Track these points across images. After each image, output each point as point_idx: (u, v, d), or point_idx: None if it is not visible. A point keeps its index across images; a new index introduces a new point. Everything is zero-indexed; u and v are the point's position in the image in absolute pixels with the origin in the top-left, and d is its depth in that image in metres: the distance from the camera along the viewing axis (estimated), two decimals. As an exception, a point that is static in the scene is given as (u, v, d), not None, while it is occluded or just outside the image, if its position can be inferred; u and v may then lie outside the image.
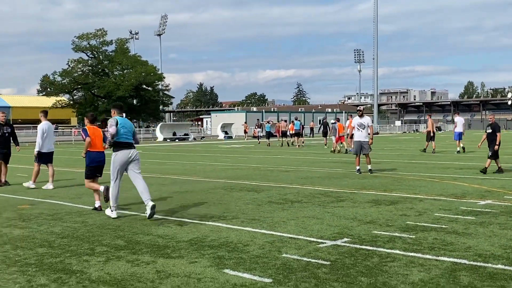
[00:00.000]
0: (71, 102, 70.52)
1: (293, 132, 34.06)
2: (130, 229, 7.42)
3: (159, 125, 56.25)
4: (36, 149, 12.62)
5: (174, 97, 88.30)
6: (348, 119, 29.44)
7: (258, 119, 48.34)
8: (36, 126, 12.87)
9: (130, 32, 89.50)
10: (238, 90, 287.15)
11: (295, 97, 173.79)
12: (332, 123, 27.80)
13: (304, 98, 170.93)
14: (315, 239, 6.64)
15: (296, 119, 34.86)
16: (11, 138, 13.40)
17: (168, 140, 51.16)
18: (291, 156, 23.62)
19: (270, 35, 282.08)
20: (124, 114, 8.89)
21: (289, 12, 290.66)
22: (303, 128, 36.97)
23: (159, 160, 22.12)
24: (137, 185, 8.56)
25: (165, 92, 75.84)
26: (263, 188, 11.91)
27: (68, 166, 19.07)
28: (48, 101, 74.23)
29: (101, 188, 9.07)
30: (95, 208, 9.17)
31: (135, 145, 8.74)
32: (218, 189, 11.76)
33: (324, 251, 6.06)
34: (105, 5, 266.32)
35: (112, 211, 8.42)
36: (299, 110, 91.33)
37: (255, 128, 46.77)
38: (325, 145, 31.22)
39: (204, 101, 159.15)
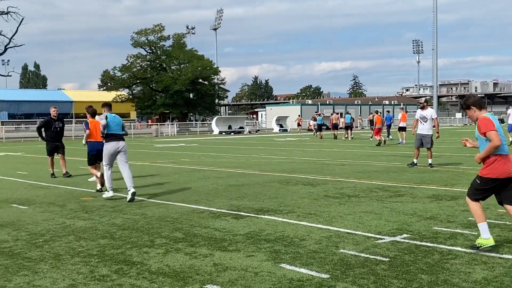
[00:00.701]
0: (131, 97, 72.32)
1: (344, 125, 34.03)
2: (188, 222, 7.53)
3: (215, 118, 56.87)
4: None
5: (229, 91, 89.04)
6: (400, 112, 29.21)
7: (315, 112, 47.93)
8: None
9: (187, 27, 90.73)
10: (293, 83, 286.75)
11: (351, 90, 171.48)
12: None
13: (360, 90, 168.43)
14: (373, 235, 6.53)
15: (347, 113, 34.74)
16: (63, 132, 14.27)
17: (223, 133, 51.68)
18: (347, 150, 23.33)
19: (325, 27, 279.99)
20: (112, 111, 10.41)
21: (345, 3, 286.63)
22: (353, 121, 36.89)
23: (215, 153, 22.36)
24: (122, 173, 9.89)
25: (221, 85, 76.48)
26: (319, 182, 11.82)
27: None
28: (108, 96, 76.33)
29: (99, 174, 10.91)
30: (97, 190, 10.77)
31: (124, 136, 10.27)
32: (274, 183, 11.76)
33: (382, 247, 5.95)
34: (162, 0, 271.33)
35: (108, 191, 9.89)
36: (355, 103, 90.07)
37: (311, 121, 46.57)
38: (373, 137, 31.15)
39: (259, 94, 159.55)
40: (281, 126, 57.25)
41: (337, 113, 39.75)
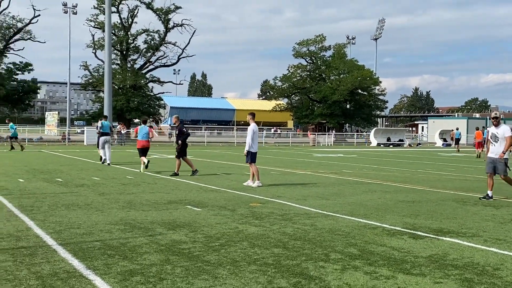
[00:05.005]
0: (289, 106, 73.77)
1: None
2: (361, 238, 7.14)
3: (374, 130, 55.61)
4: (247, 149, 13.43)
5: (387, 101, 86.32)
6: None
7: (483, 127, 44.50)
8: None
9: (347, 37, 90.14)
10: (456, 95, 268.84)
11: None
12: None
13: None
14: None
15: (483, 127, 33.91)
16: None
17: (381, 145, 50.26)
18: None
19: (494, 37, 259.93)
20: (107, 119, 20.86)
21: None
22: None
23: (377, 166, 21.61)
24: (106, 152, 19.21)
25: (380, 97, 74.52)
26: (502, 203, 10.68)
27: (289, 167, 19.71)
28: (267, 104, 78.82)
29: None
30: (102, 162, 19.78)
31: (111, 133, 19.90)
32: (449, 201, 10.87)
33: None
34: (323, 12, 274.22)
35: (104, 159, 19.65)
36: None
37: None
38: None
39: (419, 106, 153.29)
40: (444, 140, 54.10)
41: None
